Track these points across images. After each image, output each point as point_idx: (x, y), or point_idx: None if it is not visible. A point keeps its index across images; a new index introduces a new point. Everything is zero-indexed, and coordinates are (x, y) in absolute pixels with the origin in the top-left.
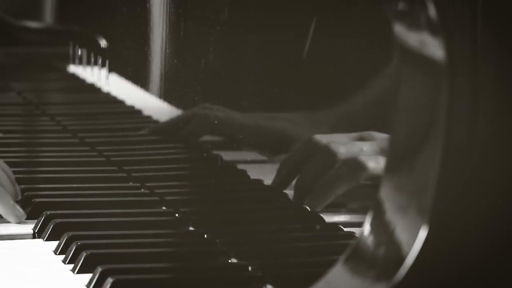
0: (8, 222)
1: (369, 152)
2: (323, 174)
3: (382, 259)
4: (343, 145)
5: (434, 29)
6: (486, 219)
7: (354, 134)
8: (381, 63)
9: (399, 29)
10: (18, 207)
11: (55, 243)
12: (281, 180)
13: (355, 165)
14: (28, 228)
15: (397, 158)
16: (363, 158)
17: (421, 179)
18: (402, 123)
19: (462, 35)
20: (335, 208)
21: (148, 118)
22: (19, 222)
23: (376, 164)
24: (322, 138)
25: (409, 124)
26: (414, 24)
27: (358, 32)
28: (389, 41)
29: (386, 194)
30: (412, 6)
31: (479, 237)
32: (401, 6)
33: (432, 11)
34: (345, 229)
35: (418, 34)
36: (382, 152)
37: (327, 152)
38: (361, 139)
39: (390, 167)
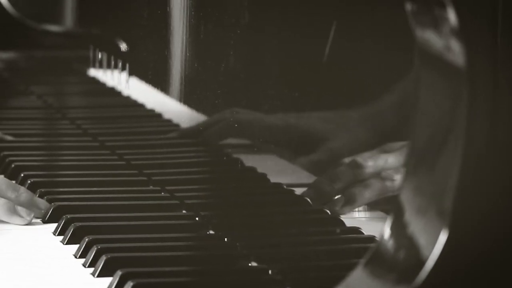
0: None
1: (393, 164)
2: (350, 185)
3: (402, 262)
4: (369, 157)
5: (454, 34)
6: (506, 222)
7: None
8: (404, 66)
9: (420, 34)
10: (19, 208)
11: (75, 246)
12: (319, 195)
13: (380, 177)
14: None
15: (417, 161)
16: (388, 171)
17: (441, 182)
18: (422, 126)
19: (482, 40)
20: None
21: (168, 122)
22: (27, 223)
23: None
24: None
25: (429, 128)
26: (434, 29)
27: (380, 35)
28: (410, 44)
29: (406, 197)
30: (433, 12)
31: (498, 241)
32: (422, 11)
33: (452, 16)
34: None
35: (439, 39)
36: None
37: (355, 165)
38: (384, 151)
39: (410, 170)
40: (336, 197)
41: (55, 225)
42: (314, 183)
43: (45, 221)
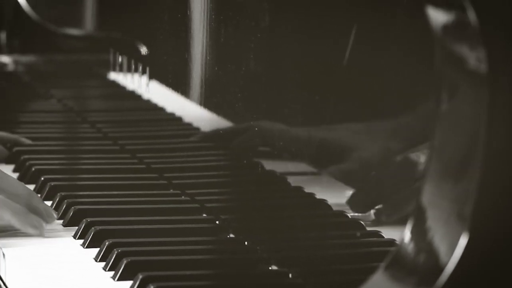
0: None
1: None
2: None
3: (422, 266)
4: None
5: (475, 40)
6: None
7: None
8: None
9: (441, 40)
10: (34, 218)
11: (95, 250)
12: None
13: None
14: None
15: (438, 166)
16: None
17: (462, 187)
18: (443, 131)
19: (503, 44)
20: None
21: (189, 125)
22: (40, 235)
23: None
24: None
25: (450, 132)
26: (456, 35)
27: (400, 41)
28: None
29: (427, 201)
30: (454, 17)
31: None
32: (443, 16)
33: (474, 22)
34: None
35: (460, 45)
36: None
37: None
38: (415, 149)
39: (431, 175)
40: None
41: (75, 228)
42: (363, 189)
43: (65, 225)
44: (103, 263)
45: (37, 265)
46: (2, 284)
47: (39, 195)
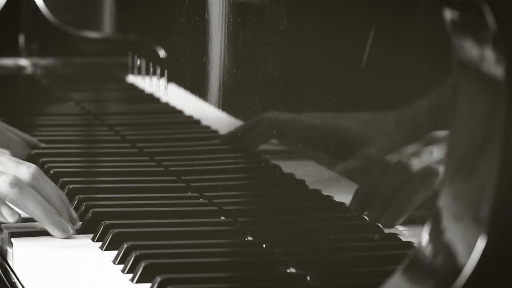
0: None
1: (439, 155)
2: (401, 189)
3: (440, 269)
4: (414, 155)
5: (493, 44)
6: None
7: (419, 141)
8: (443, 72)
9: (458, 43)
10: (64, 221)
11: (114, 252)
12: (360, 203)
13: (430, 173)
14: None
15: (455, 168)
16: (435, 164)
17: (479, 189)
18: (460, 133)
19: None
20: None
21: (207, 128)
22: (67, 237)
23: None
24: (393, 154)
25: (467, 135)
26: (473, 38)
27: (418, 41)
28: (448, 50)
29: (444, 204)
30: (472, 20)
31: None
32: (460, 20)
33: (492, 25)
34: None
35: (477, 48)
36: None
37: (402, 167)
38: (427, 143)
39: (448, 177)
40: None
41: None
42: (358, 193)
43: (83, 228)
44: (121, 266)
45: (56, 267)
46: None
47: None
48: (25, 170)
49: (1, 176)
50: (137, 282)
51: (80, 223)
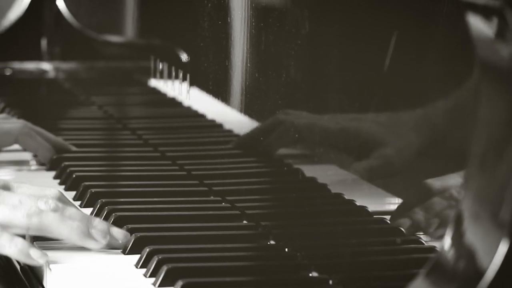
0: None
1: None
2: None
3: (462, 273)
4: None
5: None
6: None
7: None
8: (462, 74)
9: (481, 45)
10: (93, 231)
11: (136, 256)
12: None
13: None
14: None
15: (476, 172)
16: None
17: (501, 192)
18: (482, 136)
19: None
20: None
21: (229, 132)
22: (102, 248)
23: None
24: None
25: (489, 139)
26: (495, 42)
27: (440, 44)
28: (470, 54)
29: (466, 208)
30: (495, 23)
31: None
32: (483, 22)
33: None
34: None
35: (499, 52)
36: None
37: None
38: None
39: (470, 181)
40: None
41: None
42: (409, 214)
43: None
44: (144, 270)
45: (78, 271)
46: None
47: (79, 202)
48: (44, 207)
49: (18, 210)
50: (160, 286)
51: (129, 236)
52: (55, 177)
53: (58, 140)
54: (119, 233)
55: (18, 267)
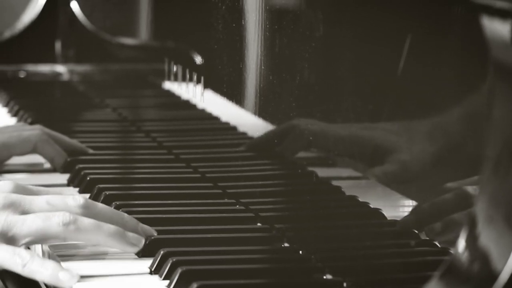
0: None
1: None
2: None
3: (476, 275)
4: None
5: None
6: None
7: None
8: (476, 79)
9: (496, 48)
10: (130, 235)
11: (150, 259)
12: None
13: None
14: None
15: (490, 175)
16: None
17: None
18: (495, 139)
19: None
20: None
21: (243, 135)
22: (139, 251)
23: None
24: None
25: (503, 141)
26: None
27: (454, 48)
28: (484, 58)
29: (480, 210)
30: (510, 26)
31: None
32: (498, 26)
33: None
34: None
35: None
36: None
37: (464, 195)
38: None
39: (484, 184)
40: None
41: None
42: (417, 211)
43: None
44: (158, 272)
45: (91, 273)
46: None
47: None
48: (73, 204)
49: (52, 219)
50: None
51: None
52: (70, 180)
53: (75, 143)
54: (147, 229)
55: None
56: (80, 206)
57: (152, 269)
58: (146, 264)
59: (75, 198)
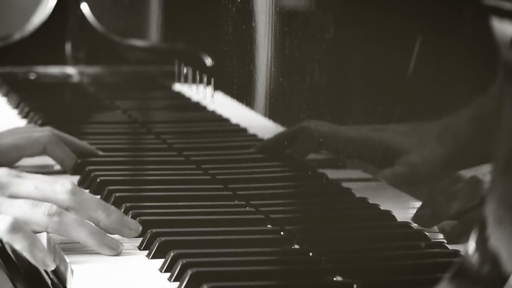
0: None
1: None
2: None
3: (487, 277)
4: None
5: None
6: None
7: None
8: (486, 81)
9: (505, 50)
10: (109, 239)
11: (161, 260)
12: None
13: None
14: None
15: (500, 176)
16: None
17: None
18: (505, 140)
19: None
20: None
21: (253, 137)
22: (117, 254)
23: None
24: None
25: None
26: None
27: (463, 50)
28: (494, 60)
29: (491, 211)
30: None
31: None
32: (508, 28)
33: None
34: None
35: None
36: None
37: (475, 182)
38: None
39: (495, 185)
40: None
41: (140, 239)
42: (430, 202)
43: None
44: (168, 274)
45: (101, 274)
46: None
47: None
48: (61, 190)
49: (38, 207)
50: None
51: (140, 228)
52: (80, 182)
53: (84, 144)
54: (132, 223)
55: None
56: (67, 192)
57: (163, 271)
58: (156, 265)
59: (63, 184)
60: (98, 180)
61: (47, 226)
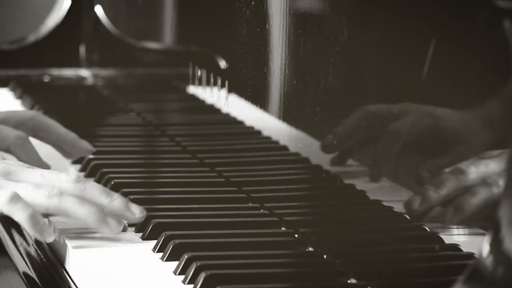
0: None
1: (495, 169)
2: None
3: (500, 279)
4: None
5: None
6: None
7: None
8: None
9: None
10: (109, 219)
11: (175, 263)
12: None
13: (485, 183)
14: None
15: None
16: (492, 177)
17: None
18: None
19: None
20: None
21: (268, 139)
22: (117, 234)
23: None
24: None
25: None
26: None
27: (477, 52)
28: (508, 62)
29: (505, 214)
30: None
31: None
32: None
33: None
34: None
35: None
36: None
37: (459, 171)
38: (484, 158)
39: (508, 187)
40: (445, 208)
41: (155, 241)
42: (419, 190)
43: (144, 238)
44: (182, 277)
45: (117, 277)
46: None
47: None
48: (66, 179)
49: (40, 189)
50: None
51: (145, 213)
52: None
53: (72, 138)
54: (136, 209)
55: None
56: (72, 180)
57: (177, 273)
58: (170, 267)
59: (69, 174)
60: (113, 182)
61: (48, 207)
